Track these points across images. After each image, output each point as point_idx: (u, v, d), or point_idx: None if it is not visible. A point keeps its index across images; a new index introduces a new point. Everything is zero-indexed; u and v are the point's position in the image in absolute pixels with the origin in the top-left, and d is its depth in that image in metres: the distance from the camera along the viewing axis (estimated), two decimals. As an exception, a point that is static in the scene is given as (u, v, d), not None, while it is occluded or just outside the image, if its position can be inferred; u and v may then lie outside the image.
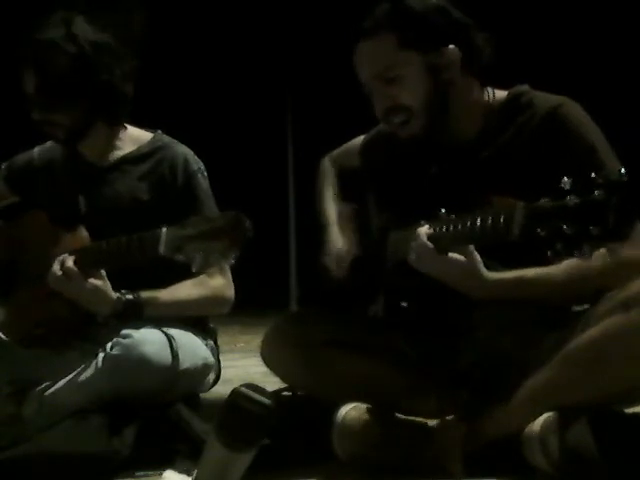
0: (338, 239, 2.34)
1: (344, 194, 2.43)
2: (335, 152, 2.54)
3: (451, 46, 2.14)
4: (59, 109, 2.43)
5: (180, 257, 2.07)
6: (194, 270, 2.09)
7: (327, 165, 2.51)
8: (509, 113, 2.17)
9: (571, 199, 1.66)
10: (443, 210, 1.99)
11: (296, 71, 6.54)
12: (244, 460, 1.72)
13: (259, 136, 6.70)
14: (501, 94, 2.22)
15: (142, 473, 2.12)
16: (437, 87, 2.15)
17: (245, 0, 6.44)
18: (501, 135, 2.16)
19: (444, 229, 1.96)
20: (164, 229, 2.12)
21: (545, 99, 2.15)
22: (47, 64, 2.40)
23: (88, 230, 2.42)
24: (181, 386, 2.33)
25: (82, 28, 2.44)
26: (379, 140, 2.38)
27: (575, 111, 2.12)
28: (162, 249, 2.11)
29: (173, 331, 2.34)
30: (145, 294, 2.35)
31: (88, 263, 2.31)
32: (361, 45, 2.18)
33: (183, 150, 2.54)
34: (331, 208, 2.42)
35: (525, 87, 2.21)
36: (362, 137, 2.47)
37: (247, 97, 6.62)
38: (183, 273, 2.37)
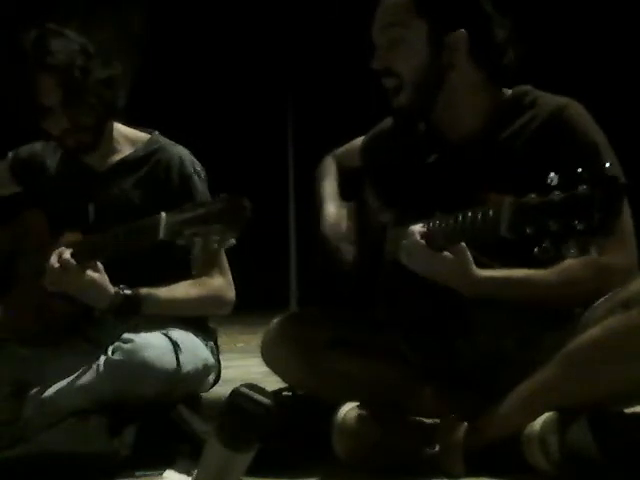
0: (334, 207, 2.34)
1: (345, 194, 2.43)
2: (337, 151, 2.54)
3: (458, 31, 2.13)
4: (84, 107, 2.42)
5: (180, 241, 2.06)
6: (193, 254, 2.08)
7: (330, 160, 2.51)
8: (512, 112, 2.17)
9: (556, 195, 1.66)
10: (439, 212, 1.99)
11: (297, 70, 6.55)
12: (244, 460, 1.72)
13: (260, 135, 6.70)
14: (505, 92, 2.22)
15: (142, 473, 2.12)
16: (434, 64, 2.14)
17: (247, 0, 6.44)
18: (503, 133, 2.15)
19: (436, 227, 1.97)
20: (163, 214, 2.12)
21: (549, 100, 2.15)
22: (64, 69, 2.40)
23: (86, 233, 2.43)
24: (182, 388, 2.33)
25: (75, 35, 2.46)
26: (379, 138, 2.38)
27: (579, 112, 2.11)
28: (162, 234, 2.10)
29: (173, 333, 2.34)
30: (143, 290, 2.35)
31: (86, 255, 2.30)
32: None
33: (179, 151, 2.52)
34: (329, 184, 2.41)
35: (528, 87, 2.21)
36: (363, 137, 2.47)
37: (248, 96, 6.63)
38: (183, 273, 2.38)
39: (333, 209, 2.35)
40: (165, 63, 6.26)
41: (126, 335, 2.28)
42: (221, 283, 2.48)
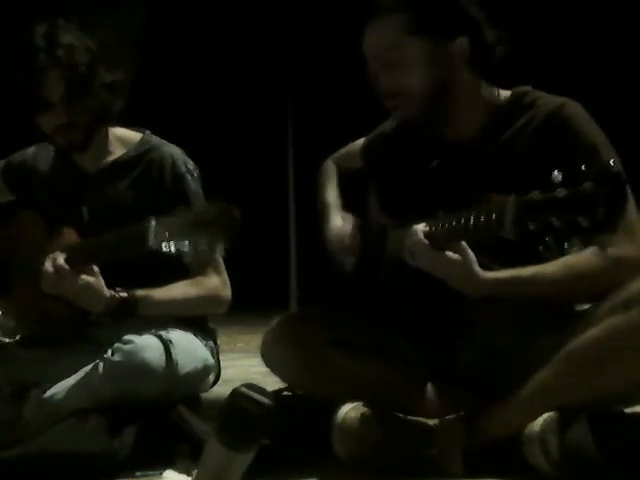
0: (338, 219, 2.34)
1: (345, 196, 2.44)
2: (337, 154, 2.54)
3: (459, 39, 2.13)
4: (83, 106, 2.42)
5: (170, 248, 2.06)
6: (185, 261, 2.08)
7: (330, 164, 2.51)
8: (512, 112, 2.17)
9: (560, 191, 1.66)
10: (441, 212, 1.99)
11: (297, 70, 6.54)
12: (244, 460, 1.72)
13: (260, 136, 6.70)
14: (504, 93, 2.22)
15: (142, 473, 2.12)
16: (437, 78, 2.14)
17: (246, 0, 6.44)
18: (503, 134, 2.16)
19: (439, 226, 1.97)
20: (153, 221, 2.11)
21: (548, 99, 2.15)
22: (72, 64, 2.40)
23: (81, 235, 2.43)
24: (182, 389, 2.33)
25: (78, 34, 2.46)
26: (380, 140, 2.39)
27: (577, 112, 2.12)
28: (151, 241, 2.09)
29: (173, 333, 2.34)
30: (139, 292, 2.35)
31: (80, 259, 2.30)
32: (371, 23, 2.17)
33: (171, 151, 2.52)
34: (332, 193, 2.42)
35: (528, 87, 2.21)
36: (363, 139, 2.47)
37: (248, 96, 6.62)
38: (179, 274, 2.37)
39: (337, 221, 2.35)
40: (165, 63, 6.26)
41: (126, 336, 2.28)
42: (217, 282, 2.48)
